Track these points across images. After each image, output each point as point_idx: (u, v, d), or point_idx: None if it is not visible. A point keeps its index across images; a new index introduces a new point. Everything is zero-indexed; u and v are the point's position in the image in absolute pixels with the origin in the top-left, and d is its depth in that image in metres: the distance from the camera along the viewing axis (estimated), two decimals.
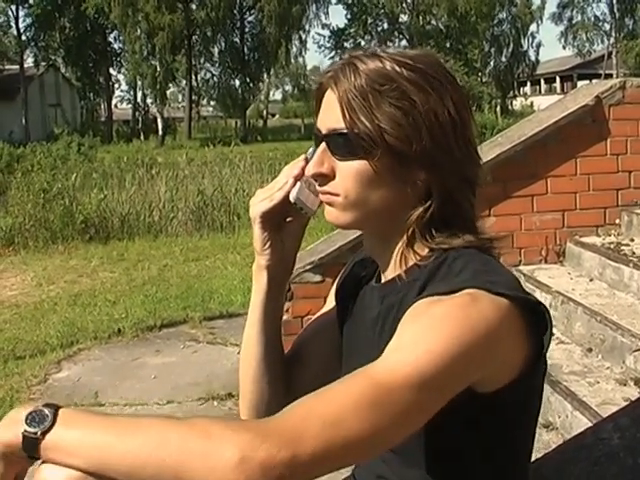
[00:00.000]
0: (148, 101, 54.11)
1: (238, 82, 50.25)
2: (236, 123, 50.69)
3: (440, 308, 1.03)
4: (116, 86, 66.98)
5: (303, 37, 52.26)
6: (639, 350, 3.49)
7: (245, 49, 50.02)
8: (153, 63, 46.73)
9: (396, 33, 52.38)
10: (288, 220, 1.29)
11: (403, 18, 52.10)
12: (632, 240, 4.62)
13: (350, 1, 53.22)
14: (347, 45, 51.92)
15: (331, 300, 1.42)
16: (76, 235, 10.67)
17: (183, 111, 51.24)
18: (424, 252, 1.17)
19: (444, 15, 49.05)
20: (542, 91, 62.08)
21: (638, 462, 1.51)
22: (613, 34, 54.19)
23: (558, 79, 60.75)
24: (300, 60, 62.30)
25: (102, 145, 30.86)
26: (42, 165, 13.54)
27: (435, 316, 1.02)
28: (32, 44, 51.13)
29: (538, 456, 1.58)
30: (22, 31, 50.29)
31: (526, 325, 1.07)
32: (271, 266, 1.30)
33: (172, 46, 44.83)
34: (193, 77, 48.92)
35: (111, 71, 54.73)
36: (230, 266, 8.75)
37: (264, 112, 62.49)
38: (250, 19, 50.77)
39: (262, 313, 1.33)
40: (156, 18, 43.70)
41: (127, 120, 55.87)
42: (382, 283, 1.25)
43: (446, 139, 1.13)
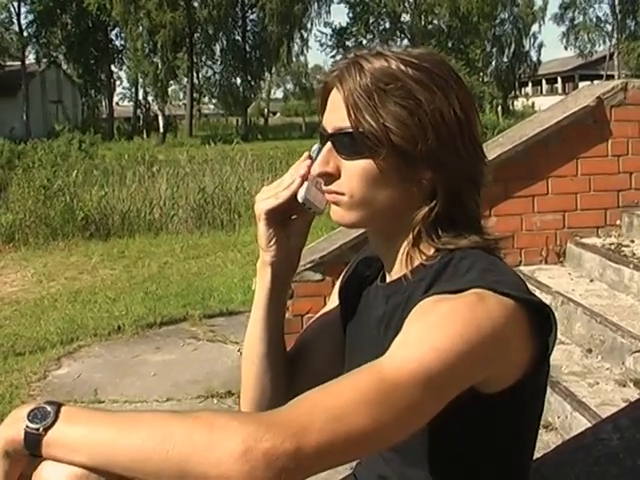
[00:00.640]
0: (149, 98, 54.13)
1: (239, 80, 50.20)
2: (237, 121, 50.66)
3: (447, 306, 1.03)
4: (117, 83, 67.14)
5: (305, 35, 52.18)
6: (639, 351, 3.49)
7: (247, 47, 49.97)
8: (155, 60, 46.70)
9: (398, 32, 52.33)
10: (293, 217, 1.29)
11: (405, 17, 52.11)
12: (632, 241, 4.63)
13: (352, 0, 53.22)
14: (349, 44, 51.87)
15: (334, 298, 1.43)
16: (77, 232, 10.67)
17: (184, 109, 51.18)
18: (430, 252, 1.17)
19: (446, 15, 49.01)
20: (543, 92, 62.07)
21: (637, 463, 1.52)
22: (615, 35, 54.15)
23: (560, 80, 60.73)
24: (302, 58, 62.31)
25: (103, 142, 30.85)
26: (43, 162, 13.58)
27: (442, 314, 1.02)
28: (34, 40, 51.10)
29: (537, 456, 1.58)
30: (24, 27, 50.29)
31: (531, 326, 1.07)
32: (275, 262, 1.30)
33: (174, 44, 44.80)
34: (194, 75, 48.84)
35: (112, 68, 54.70)
36: (230, 264, 8.75)
37: (265, 110, 62.45)
38: (252, 17, 50.78)
39: (265, 310, 1.33)
40: (158, 15, 43.69)
41: (128, 117, 55.83)
42: (387, 282, 1.25)
43: (452, 138, 1.13)
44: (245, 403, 1.38)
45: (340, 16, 63.04)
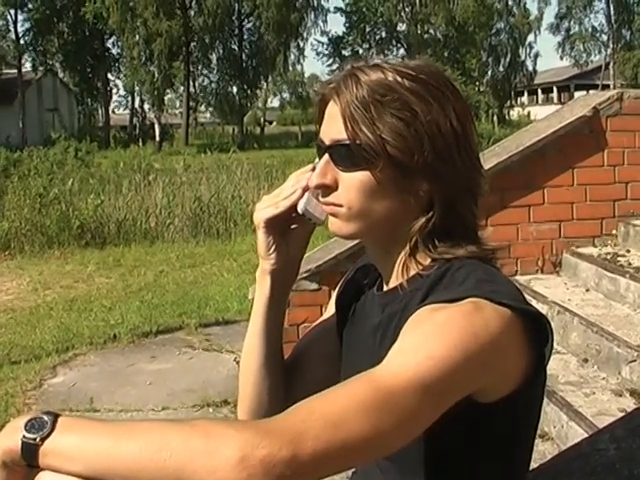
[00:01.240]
0: (146, 107, 54.07)
1: (236, 89, 50.22)
2: (233, 130, 50.65)
3: (443, 315, 1.03)
4: (114, 91, 67.13)
5: (301, 45, 52.28)
6: (635, 361, 3.49)
7: (243, 56, 50.02)
8: (151, 69, 46.71)
9: (394, 42, 52.53)
10: (293, 227, 1.29)
11: (401, 27, 52.21)
12: (628, 251, 4.63)
13: (349, 9, 53.38)
14: (345, 53, 52.04)
15: (332, 307, 1.43)
16: (72, 240, 10.67)
17: (180, 117, 51.18)
18: (426, 262, 1.17)
19: (442, 24, 49.10)
20: (539, 101, 62.24)
21: (634, 473, 1.52)
22: (610, 45, 54.30)
23: (555, 89, 60.92)
24: (298, 67, 62.30)
25: (99, 150, 30.78)
26: (39, 170, 13.57)
27: (438, 322, 1.03)
28: (30, 48, 51.06)
29: (534, 466, 1.58)
30: (20, 35, 50.27)
31: (528, 336, 1.07)
32: (275, 271, 1.30)
33: (170, 52, 44.83)
34: (191, 83, 48.88)
35: (109, 76, 54.71)
36: (226, 273, 8.75)
37: (261, 119, 62.42)
38: (248, 26, 50.82)
39: (264, 318, 1.33)
40: (154, 24, 43.72)
41: (124, 126, 55.79)
42: (384, 291, 1.25)
43: (448, 150, 1.13)
44: (242, 412, 1.38)
45: (336, 25, 63.55)
